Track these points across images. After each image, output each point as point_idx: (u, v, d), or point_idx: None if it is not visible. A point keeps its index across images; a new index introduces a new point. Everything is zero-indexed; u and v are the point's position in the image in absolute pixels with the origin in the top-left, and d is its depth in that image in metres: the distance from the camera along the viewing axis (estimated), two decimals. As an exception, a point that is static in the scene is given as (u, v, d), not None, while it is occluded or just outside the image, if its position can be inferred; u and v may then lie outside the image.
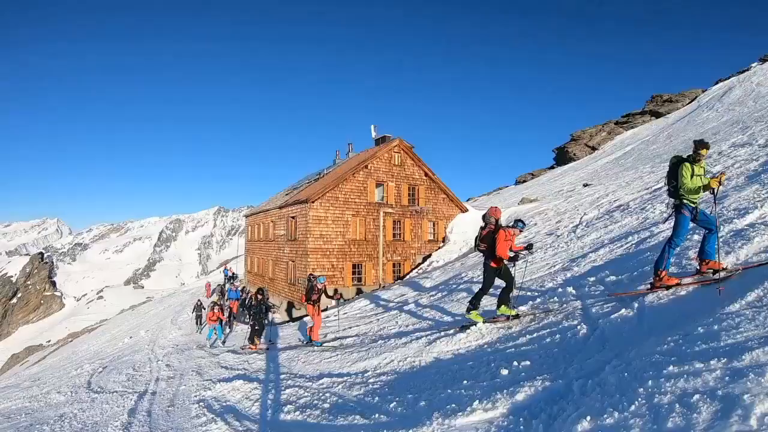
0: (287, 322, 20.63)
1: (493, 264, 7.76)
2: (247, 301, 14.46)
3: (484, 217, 8.08)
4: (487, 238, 7.80)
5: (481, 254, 8.08)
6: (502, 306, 7.79)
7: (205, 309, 21.06)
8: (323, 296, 12.91)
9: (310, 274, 13.39)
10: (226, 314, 18.82)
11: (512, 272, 7.90)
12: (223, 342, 16.77)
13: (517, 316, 7.68)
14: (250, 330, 13.73)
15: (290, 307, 23.10)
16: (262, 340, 13.70)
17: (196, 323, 21.22)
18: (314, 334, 11.80)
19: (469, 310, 7.96)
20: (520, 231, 7.92)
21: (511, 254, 7.57)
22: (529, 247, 8.09)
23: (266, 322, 14.21)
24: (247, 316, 14.47)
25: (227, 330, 18.66)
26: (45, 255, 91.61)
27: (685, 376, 3.39)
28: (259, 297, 14.18)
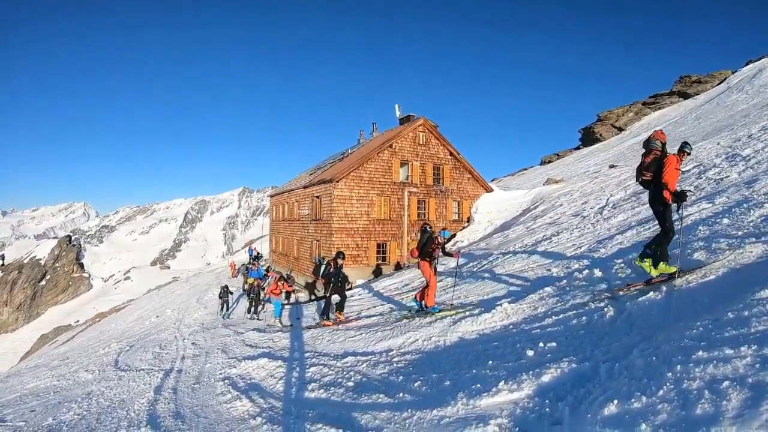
0: (311, 300, 20.86)
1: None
2: (324, 270, 12.19)
3: (647, 142, 6.60)
4: (653, 165, 6.35)
5: (642, 187, 6.66)
6: (661, 264, 6.27)
7: (232, 293, 20.83)
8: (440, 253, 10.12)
9: (425, 224, 10.49)
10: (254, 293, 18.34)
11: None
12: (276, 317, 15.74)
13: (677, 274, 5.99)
14: (328, 301, 12.01)
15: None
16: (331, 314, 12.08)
17: (222, 308, 19.77)
18: (429, 299, 9.76)
19: (656, 264, 6.34)
20: (688, 154, 6.34)
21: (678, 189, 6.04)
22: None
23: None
24: (325, 286, 12.31)
25: (261, 307, 18.64)
26: (72, 238, 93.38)
27: (715, 362, 3.35)
28: (340, 262, 12.22)
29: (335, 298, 12.23)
